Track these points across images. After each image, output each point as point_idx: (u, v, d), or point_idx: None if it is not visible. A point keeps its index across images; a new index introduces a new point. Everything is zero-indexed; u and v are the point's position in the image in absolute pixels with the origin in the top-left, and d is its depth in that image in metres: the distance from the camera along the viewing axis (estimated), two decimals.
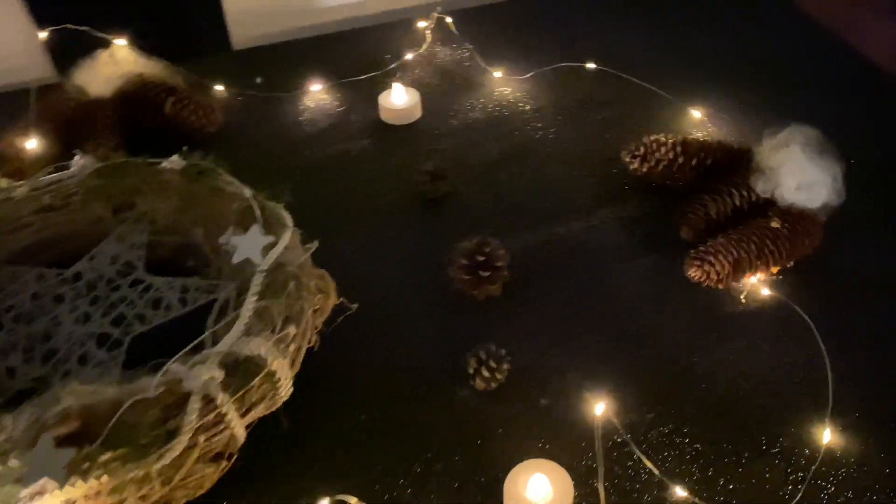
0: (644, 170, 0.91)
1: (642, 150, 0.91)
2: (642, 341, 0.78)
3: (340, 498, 0.63)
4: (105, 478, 0.57)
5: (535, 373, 0.75)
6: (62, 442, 0.58)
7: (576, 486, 0.64)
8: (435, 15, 1.18)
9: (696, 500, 0.65)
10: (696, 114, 1.01)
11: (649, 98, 1.05)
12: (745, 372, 0.74)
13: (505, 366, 0.73)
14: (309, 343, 0.73)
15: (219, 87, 1.08)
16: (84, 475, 0.57)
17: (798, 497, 0.65)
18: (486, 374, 0.72)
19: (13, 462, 0.56)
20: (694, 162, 0.90)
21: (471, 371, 0.73)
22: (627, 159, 0.92)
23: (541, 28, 1.21)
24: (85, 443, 0.58)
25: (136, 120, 0.99)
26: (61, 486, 0.56)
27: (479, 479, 0.67)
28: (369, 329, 0.78)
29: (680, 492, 0.65)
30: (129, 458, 0.58)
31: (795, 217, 0.83)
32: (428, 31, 1.17)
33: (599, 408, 0.69)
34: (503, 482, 0.65)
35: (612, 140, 0.99)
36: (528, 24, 1.22)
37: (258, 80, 1.10)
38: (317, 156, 0.99)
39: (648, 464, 0.66)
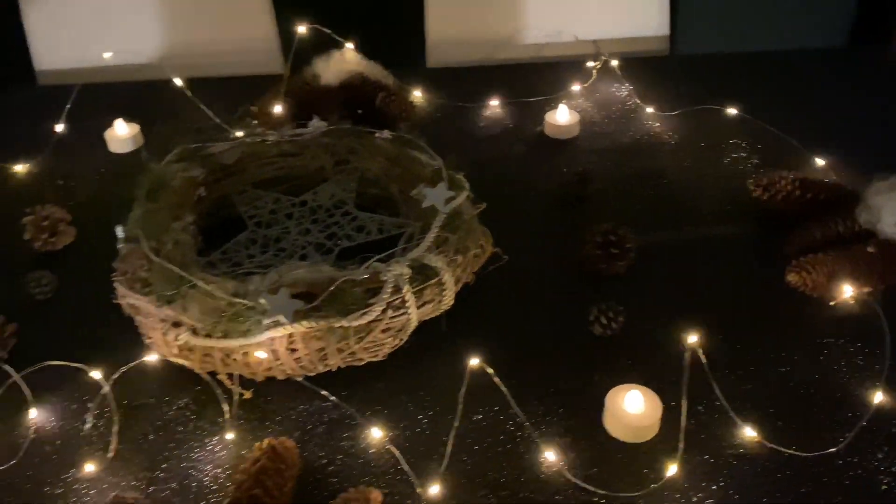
0: (765, 198, 1.07)
1: (765, 180, 1.07)
2: (741, 325, 0.92)
3: (482, 365, 0.82)
4: (319, 324, 0.79)
5: (643, 331, 0.91)
6: (293, 297, 0.81)
7: (664, 411, 0.80)
8: (603, 58, 1.39)
9: (762, 440, 0.79)
10: (820, 161, 1.15)
11: (780, 143, 1.20)
12: (824, 360, 0.88)
13: (620, 318, 0.90)
14: (466, 279, 0.94)
15: (416, 93, 1.33)
16: (306, 319, 0.79)
17: (845, 443, 0.78)
18: (603, 321, 0.89)
19: (262, 301, 0.79)
20: (809, 196, 1.04)
21: (591, 318, 0.91)
22: (752, 187, 1.08)
23: (693, 76, 1.39)
24: (307, 302, 0.81)
25: (353, 106, 1.25)
26: (290, 323, 0.78)
27: (586, 394, 0.84)
28: (511, 280, 0.97)
29: (749, 432, 0.80)
30: (337, 314, 0.80)
31: (892, 248, 0.95)
32: (595, 70, 1.38)
33: (692, 338, 0.84)
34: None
35: (739, 173, 1.15)
36: (683, 72, 1.41)
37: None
38: (488, 152, 1.22)
39: (727, 405, 0.81)
